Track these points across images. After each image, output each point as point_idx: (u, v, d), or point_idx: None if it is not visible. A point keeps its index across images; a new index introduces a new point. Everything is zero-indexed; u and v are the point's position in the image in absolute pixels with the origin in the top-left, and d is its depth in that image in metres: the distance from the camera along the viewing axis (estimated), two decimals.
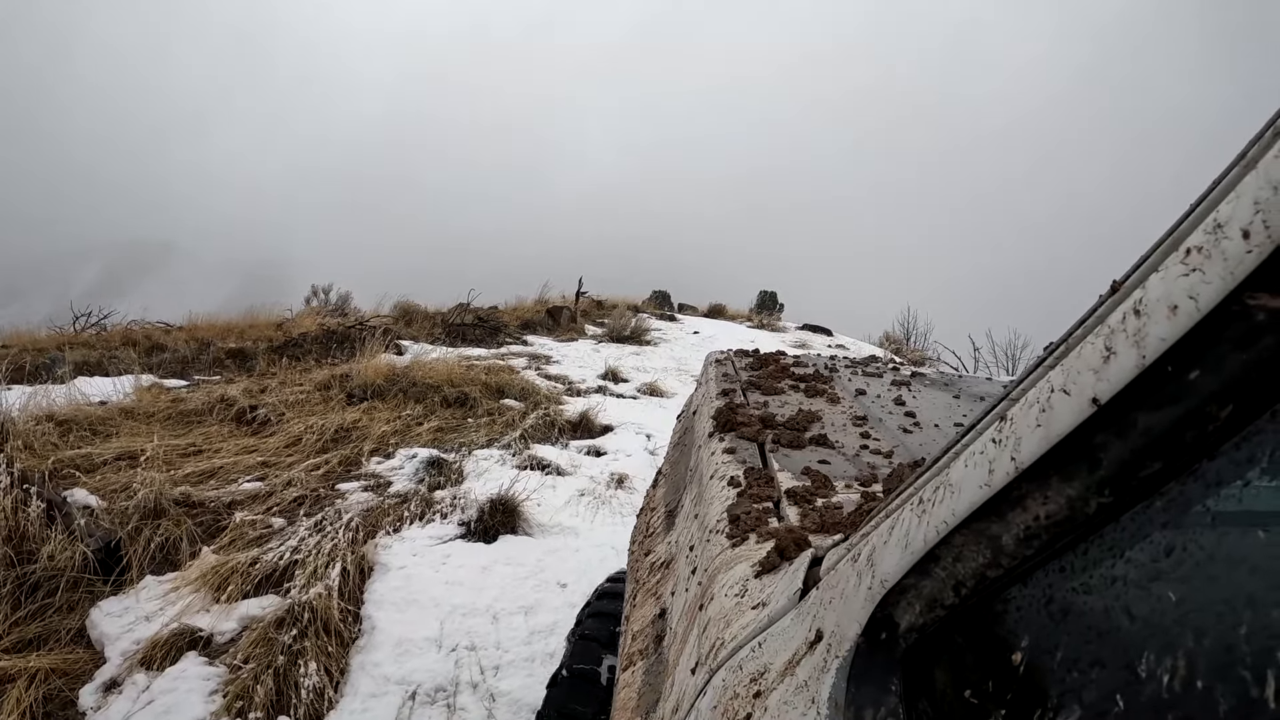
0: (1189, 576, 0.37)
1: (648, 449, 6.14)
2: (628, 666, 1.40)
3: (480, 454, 5.39)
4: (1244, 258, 0.31)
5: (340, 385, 6.45)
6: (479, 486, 4.66)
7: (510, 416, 6.37)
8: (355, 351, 7.39)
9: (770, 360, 2.54)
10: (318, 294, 13.17)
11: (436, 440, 5.62)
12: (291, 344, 8.29)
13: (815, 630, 0.69)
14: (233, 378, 6.90)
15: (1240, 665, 0.32)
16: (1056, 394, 0.42)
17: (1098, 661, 0.41)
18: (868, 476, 1.36)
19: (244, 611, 3.06)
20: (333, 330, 8.83)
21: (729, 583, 1.01)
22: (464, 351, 9.21)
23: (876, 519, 0.67)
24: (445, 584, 3.52)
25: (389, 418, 5.89)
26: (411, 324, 10.77)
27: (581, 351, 10.58)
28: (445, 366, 7.29)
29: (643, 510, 2.24)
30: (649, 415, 7.18)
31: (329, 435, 5.31)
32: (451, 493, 4.55)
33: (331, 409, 5.93)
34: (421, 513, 4.24)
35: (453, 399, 6.60)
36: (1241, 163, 0.32)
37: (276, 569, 3.35)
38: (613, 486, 5.20)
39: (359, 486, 4.55)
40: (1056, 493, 0.43)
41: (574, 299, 14.06)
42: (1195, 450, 0.36)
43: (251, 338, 8.84)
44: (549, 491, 4.84)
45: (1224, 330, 0.32)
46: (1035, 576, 0.48)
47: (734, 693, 0.78)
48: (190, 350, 7.95)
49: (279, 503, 4.14)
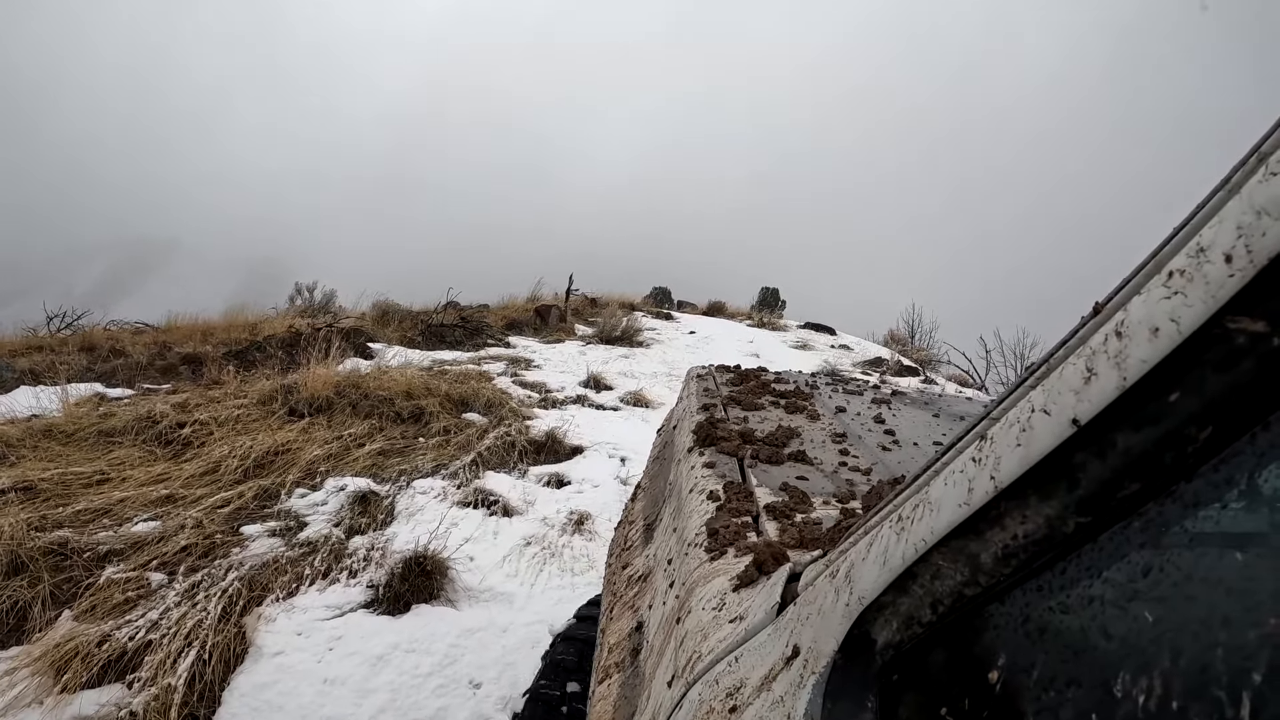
0: (1166, 597, 0.37)
1: (620, 477, 5.25)
2: (604, 679, 1.38)
3: (420, 485, 4.64)
4: (1226, 281, 0.31)
5: (283, 398, 5.71)
6: (405, 532, 3.94)
7: (468, 435, 5.59)
8: (324, 355, 6.67)
9: (751, 376, 2.56)
10: (302, 292, 12.48)
11: (375, 466, 4.87)
12: (254, 348, 7.64)
13: (792, 646, 0.68)
14: (179, 387, 6.29)
15: (1216, 686, 0.32)
16: (1037, 414, 0.43)
17: (1074, 681, 0.41)
18: (846, 493, 1.36)
19: (78, 710, 2.46)
20: (300, 333, 8.14)
21: (707, 596, 1.00)
22: (438, 355, 8.69)
23: (855, 535, 0.67)
24: (323, 684, 2.76)
25: (327, 438, 5.16)
26: (388, 325, 10.04)
27: (566, 354, 9.88)
28: (405, 376, 6.59)
29: (621, 524, 2.23)
30: (629, 432, 6.36)
31: (254, 460, 4.60)
32: (371, 541, 3.83)
33: (269, 426, 5.25)
34: (327, 569, 3.51)
35: (406, 414, 5.86)
36: (1225, 187, 0.33)
37: (127, 650, 2.72)
38: (569, 531, 4.35)
39: (265, 530, 3.81)
40: (1035, 512, 0.44)
41: (564, 297, 13.28)
42: (1174, 471, 0.36)
43: (216, 341, 8.25)
44: (488, 541, 4.03)
45: (1205, 353, 0.33)
46: (1013, 595, 0.48)
47: (710, 707, 0.77)
48: (146, 355, 7.34)
49: (167, 551, 3.44)
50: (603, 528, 4.41)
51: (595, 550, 4.16)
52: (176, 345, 7.87)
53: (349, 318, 10.01)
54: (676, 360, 10.34)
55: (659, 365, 9.97)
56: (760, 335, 14.04)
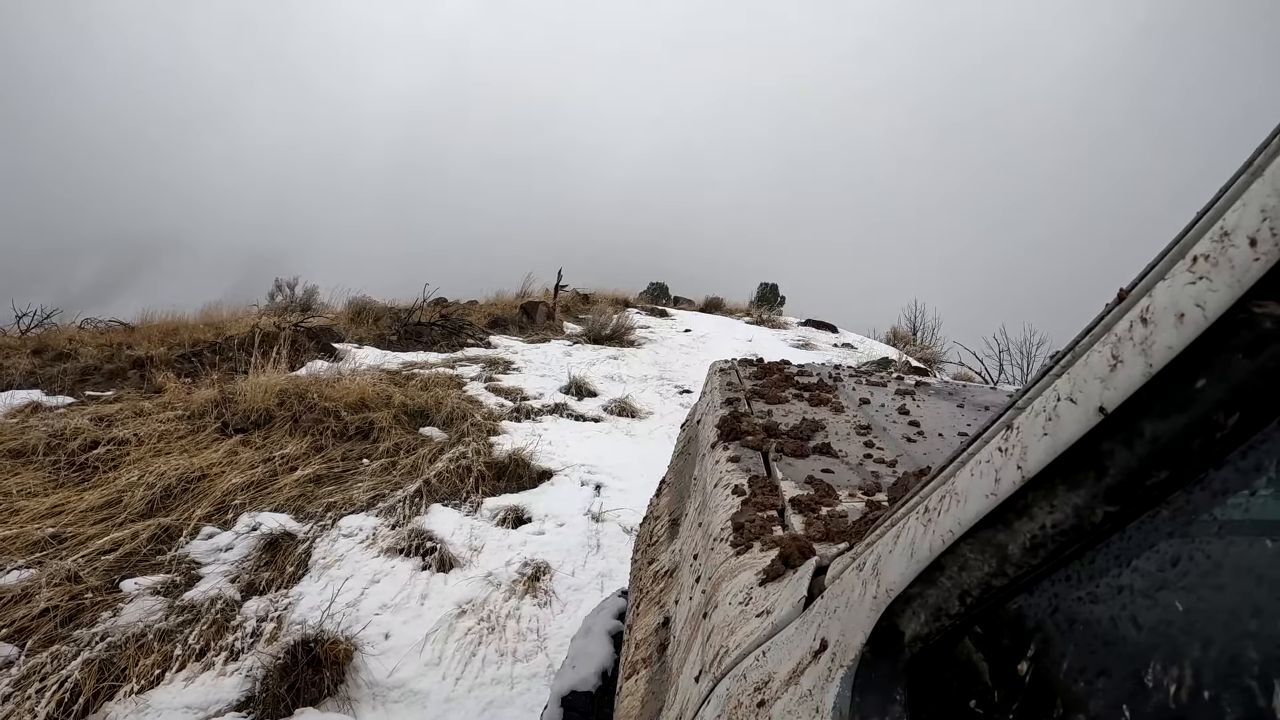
0: (1195, 586, 0.37)
1: (592, 512, 4.32)
2: (631, 674, 1.39)
3: (348, 524, 3.85)
4: (1251, 265, 0.31)
5: (217, 411, 5.08)
6: (314, 592, 3.21)
7: (419, 457, 4.88)
8: (279, 359, 6.08)
9: (774, 369, 2.55)
10: (282, 289, 11.77)
11: (303, 497, 4.15)
12: (211, 350, 7.00)
13: (820, 639, 0.68)
14: (122, 394, 5.72)
15: (1246, 675, 0.31)
16: (1063, 402, 0.42)
17: (1104, 671, 0.41)
18: (872, 485, 1.35)
19: None
20: (264, 332, 7.45)
21: (733, 590, 1.01)
22: (411, 356, 8.08)
23: (882, 528, 0.67)
24: None
25: (255, 460, 4.46)
26: (362, 323, 9.43)
27: (550, 355, 9.16)
28: (359, 383, 5.87)
29: (646, 519, 2.23)
30: (609, 450, 5.58)
31: (163, 489, 3.90)
32: (269, 605, 3.11)
33: (196, 445, 4.60)
34: (204, 647, 2.80)
35: (353, 429, 5.15)
36: (1248, 170, 0.33)
37: None
38: (518, 592, 3.41)
39: (149, 586, 3.13)
40: (1063, 501, 0.43)
41: (553, 293, 12.66)
42: (1202, 459, 0.36)
43: (178, 341, 7.53)
44: (413, 607, 3.20)
45: (1231, 338, 0.32)
46: (1041, 586, 0.48)
47: (738, 701, 0.78)
48: (97, 358, 6.67)
49: (23, 616, 2.82)
50: (564, 585, 3.53)
51: (549, 622, 3.23)
52: (135, 347, 7.13)
53: (321, 316, 9.50)
54: (669, 362, 9.69)
55: (650, 368, 9.22)
56: (759, 333, 13.55)
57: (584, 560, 3.76)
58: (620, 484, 4.86)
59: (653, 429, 6.45)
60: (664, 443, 5.85)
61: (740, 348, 11.46)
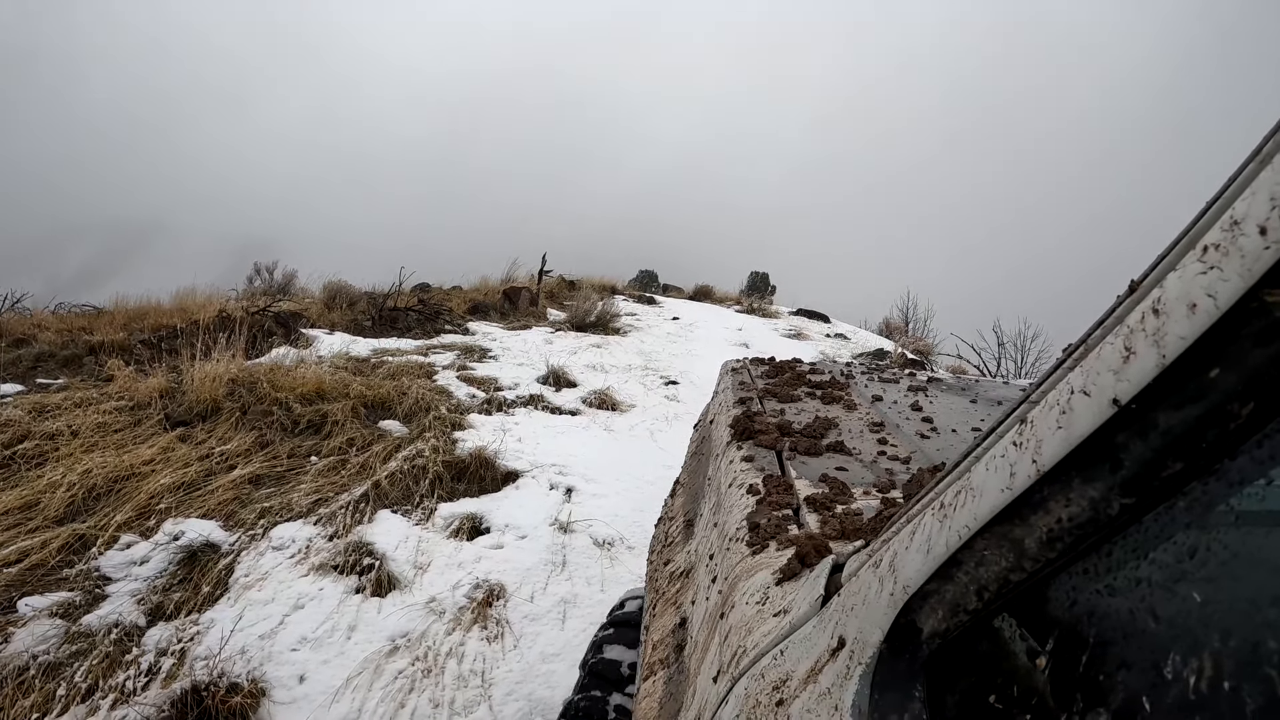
0: (1213, 577, 0.37)
1: (559, 521, 3.88)
2: (649, 676, 1.39)
3: (280, 534, 3.41)
4: (1261, 254, 0.31)
5: (162, 403, 4.70)
6: (228, 617, 2.79)
7: (372, 454, 4.42)
8: (241, 346, 5.62)
9: (786, 367, 2.55)
10: (260, 273, 11.60)
11: (237, 500, 3.73)
12: (173, 336, 6.46)
13: (838, 637, 0.68)
14: (72, 383, 5.30)
15: (1267, 665, 0.31)
16: (1076, 395, 0.42)
17: (1123, 664, 0.41)
18: (886, 483, 1.35)
19: None
20: (230, 317, 7.01)
21: (750, 590, 1.01)
22: (384, 343, 7.70)
23: (897, 524, 0.67)
24: None
25: (191, 457, 4.03)
26: (335, 308, 8.99)
27: (530, 343, 8.59)
28: (317, 372, 5.45)
29: (661, 520, 2.23)
30: (584, 446, 5.12)
31: (87, 490, 3.51)
32: (176, 632, 2.68)
33: (132, 440, 4.18)
34: (92, 686, 2.40)
35: (304, 423, 4.73)
36: (1257, 158, 0.33)
37: None
38: (465, 622, 2.96)
39: (49, 606, 2.74)
40: (1079, 495, 0.43)
41: (536, 279, 12.18)
42: (1217, 449, 0.36)
43: (142, 327, 7.08)
44: (337, 642, 2.73)
45: (1243, 327, 0.32)
46: (1059, 579, 0.48)
47: (756, 701, 0.78)
48: (55, 344, 6.24)
49: None
50: (519, 613, 3.04)
51: (497, 663, 2.73)
52: (96, 332, 6.67)
53: (294, 301, 9.10)
54: (655, 351, 9.31)
55: (634, 356, 8.75)
56: (750, 322, 13.23)
57: (545, 582, 3.33)
58: (594, 487, 4.42)
59: (634, 424, 6.01)
60: (645, 440, 5.58)
61: (730, 337, 11.23)
